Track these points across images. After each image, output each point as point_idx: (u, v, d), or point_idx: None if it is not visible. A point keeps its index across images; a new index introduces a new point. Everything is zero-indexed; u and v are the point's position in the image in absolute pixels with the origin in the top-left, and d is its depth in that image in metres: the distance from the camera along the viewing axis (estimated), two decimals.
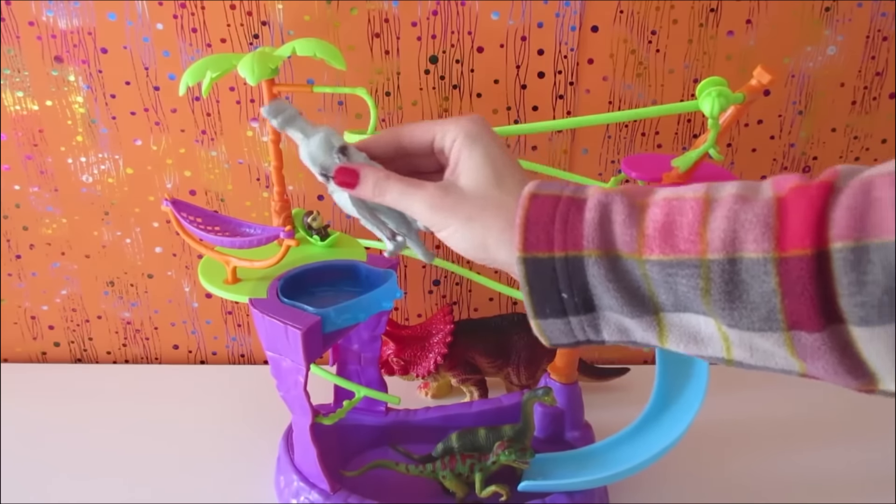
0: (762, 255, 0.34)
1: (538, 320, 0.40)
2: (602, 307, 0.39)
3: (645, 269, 0.36)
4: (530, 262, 0.38)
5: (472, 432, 0.67)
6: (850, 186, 0.33)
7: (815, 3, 0.78)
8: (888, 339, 0.33)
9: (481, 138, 0.42)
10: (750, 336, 0.36)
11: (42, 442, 0.77)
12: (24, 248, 0.88)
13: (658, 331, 0.38)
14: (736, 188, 0.36)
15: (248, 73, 0.63)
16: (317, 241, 0.70)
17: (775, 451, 0.77)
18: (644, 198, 0.38)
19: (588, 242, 0.37)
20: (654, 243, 0.36)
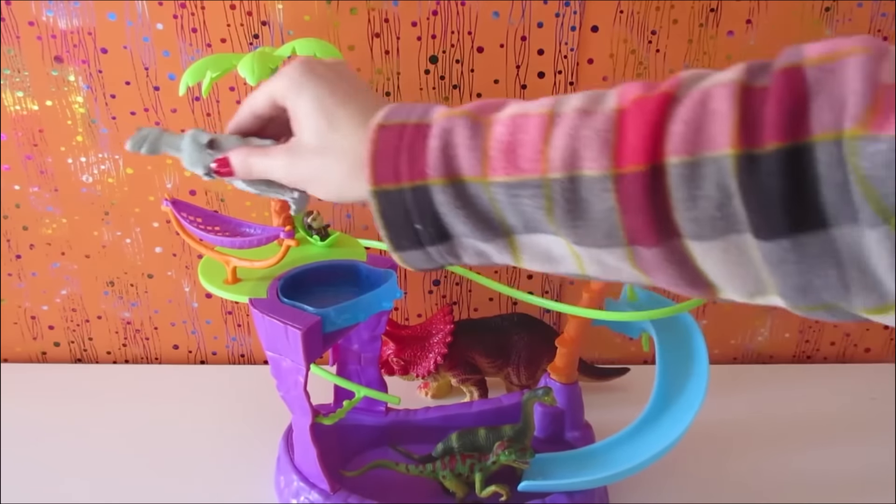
0: (600, 172, 0.33)
1: (398, 253, 0.40)
2: (456, 234, 0.38)
3: (491, 193, 0.36)
4: (381, 196, 0.38)
5: (472, 432, 0.67)
6: (690, 97, 0.33)
7: (815, 3, 0.78)
8: (720, 254, 0.33)
9: (306, 83, 0.42)
10: (597, 252, 0.36)
11: (42, 442, 0.77)
12: (24, 248, 0.88)
13: (512, 252, 0.38)
14: (580, 101, 0.35)
15: (248, 73, 0.63)
16: (317, 241, 0.69)
17: (775, 451, 0.77)
18: (490, 115, 0.37)
19: (432, 171, 0.37)
20: (498, 164, 0.36)
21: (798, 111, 0.29)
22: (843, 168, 0.28)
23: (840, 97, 0.29)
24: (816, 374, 0.92)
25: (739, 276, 0.33)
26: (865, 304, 0.31)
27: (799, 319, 0.94)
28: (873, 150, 0.27)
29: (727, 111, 0.31)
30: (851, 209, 0.29)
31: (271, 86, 0.44)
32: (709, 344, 0.65)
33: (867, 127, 0.28)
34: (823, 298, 0.32)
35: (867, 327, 0.95)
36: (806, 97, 0.30)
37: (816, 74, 0.30)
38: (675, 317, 0.66)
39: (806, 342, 0.96)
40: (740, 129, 0.30)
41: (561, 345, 0.71)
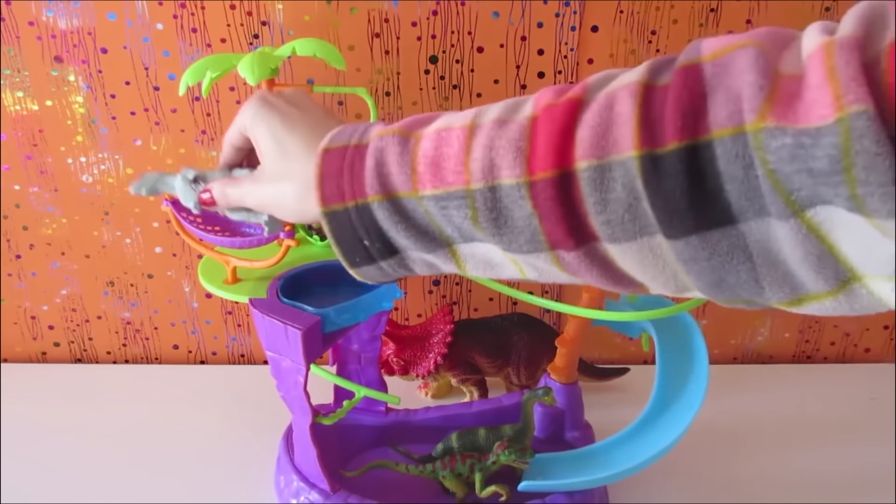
0: (515, 180, 0.34)
1: (353, 269, 0.42)
2: (402, 248, 0.40)
3: (424, 205, 0.37)
4: (331, 216, 0.40)
5: (472, 432, 0.67)
6: (597, 101, 0.33)
7: (815, 3, 0.78)
8: (636, 255, 0.33)
9: (260, 114, 0.45)
10: (526, 258, 0.36)
11: (42, 442, 0.77)
12: (24, 248, 0.88)
13: (455, 262, 0.39)
14: (498, 111, 0.36)
15: (248, 73, 0.63)
16: (317, 241, 0.69)
17: (775, 451, 0.77)
18: (418, 130, 0.39)
19: (369, 189, 0.38)
20: (426, 178, 0.37)
21: (696, 109, 0.29)
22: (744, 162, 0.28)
23: (737, 91, 0.29)
24: (816, 374, 0.92)
25: (659, 276, 0.34)
26: (779, 297, 0.31)
27: (799, 319, 0.94)
28: (778, 145, 0.27)
29: (629, 113, 0.31)
30: (759, 203, 0.29)
31: (238, 120, 0.47)
32: (709, 344, 0.65)
33: (768, 118, 0.27)
34: (738, 293, 0.32)
35: (867, 327, 0.95)
36: (703, 94, 0.30)
37: (712, 70, 0.30)
38: (675, 317, 0.66)
39: (806, 342, 0.96)
40: (642, 131, 0.30)
41: (561, 345, 0.71)
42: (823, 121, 0.26)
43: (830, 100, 0.26)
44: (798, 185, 0.27)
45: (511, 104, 0.37)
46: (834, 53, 0.26)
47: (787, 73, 0.28)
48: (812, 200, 0.27)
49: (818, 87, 0.26)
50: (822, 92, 0.26)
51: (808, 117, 0.26)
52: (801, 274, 0.30)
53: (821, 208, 0.27)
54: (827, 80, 0.26)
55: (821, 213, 0.28)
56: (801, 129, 0.26)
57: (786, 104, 0.27)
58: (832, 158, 0.26)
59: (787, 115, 0.27)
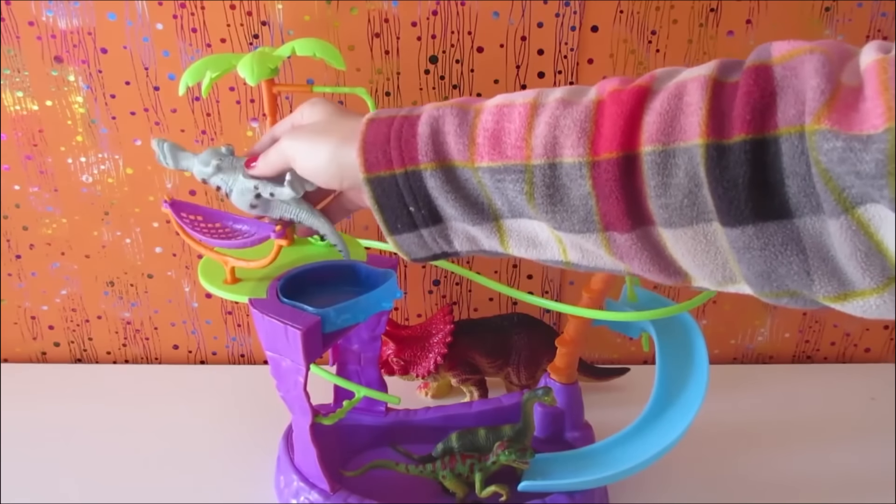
0: (578, 159, 0.35)
1: (394, 236, 0.42)
2: (447, 217, 0.40)
3: (479, 177, 0.38)
4: (374, 182, 0.40)
5: (472, 432, 0.67)
6: (665, 90, 0.34)
7: (815, 3, 0.78)
8: (690, 241, 0.34)
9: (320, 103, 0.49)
10: (575, 238, 0.37)
11: (42, 442, 0.77)
12: (24, 248, 0.88)
13: (500, 237, 0.40)
14: (563, 92, 0.37)
15: (247, 73, 0.63)
16: (317, 240, 0.69)
17: (775, 451, 0.77)
18: (478, 104, 0.40)
19: (423, 156, 0.39)
20: (485, 150, 0.38)
21: (765, 106, 0.31)
22: (805, 160, 0.30)
23: (802, 93, 0.30)
24: (816, 374, 0.92)
25: (708, 264, 0.34)
26: (827, 291, 0.32)
27: (799, 319, 0.94)
28: (829, 147, 0.29)
29: (699, 103, 0.32)
30: (815, 199, 0.30)
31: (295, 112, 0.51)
32: (709, 344, 0.65)
33: (823, 121, 0.29)
34: (787, 285, 0.33)
35: (867, 327, 0.95)
36: (773, 93, 0.31)
37: (782, 72, 0.31)
38: (675, 317, 0.66)
39: (806, 342, 0.96)
40: (710, 121, 0.32)
41: (561, 345, 0.71)
42: (874, 129, 0.27)
43: (882, 111, 0.27)
44: (849, 183, 0.29)
45: (575, 89, 0.38)
46: (888, 69, 0.28)
47: (846, 83, 0.30)
48: (862, 198, 0.29)
49: (872, 98, 0.28)
50: (876, 103, 0.28)
51: (861, 125, 0.28)
52: (850, 270, 0.31)
53: (870, 206, 0.29)
54: (880, 93, 0.28)
55: (870, 211, 0.29)
56: (854, 135, 0.28)
57: (842, 111, 0.29)
58: (879, 163, 0.27)
59: (842, 122, 0.28)
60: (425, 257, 0.44)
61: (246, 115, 0.82)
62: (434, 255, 0.44)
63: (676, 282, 0.37)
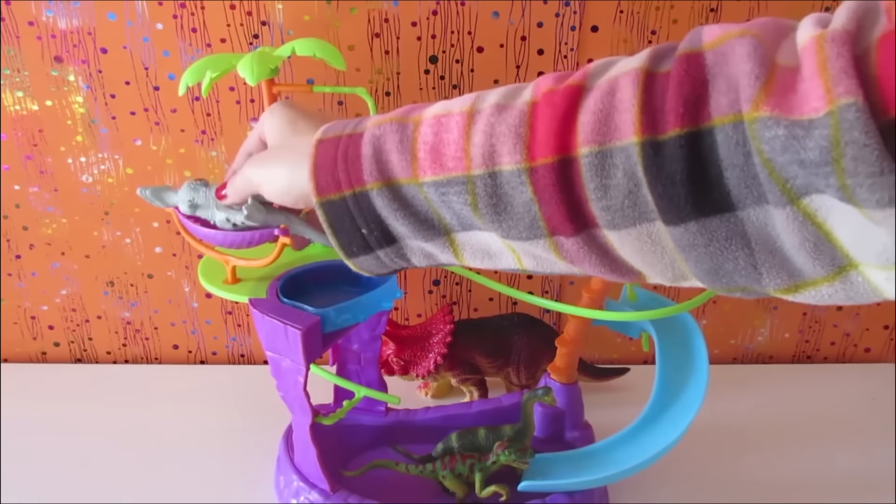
0: (516, 166, 0.34)
1: (350, 259, 0.42)
2: (400, 236, 0.40)
3: (424, 192, 0.37)
4: (326, 206, 0.40)
5: (472, 432, 0.67)
6: (598, 87, 0.33)
7: (814, 3, 0.78)
8: (635, 242, 0.33)
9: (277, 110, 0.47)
10: (525, 245, 0.36)
11: (42, 442, 0.77)
12: (24, 248, 0.88)
13: (453, 251, 0.39)
14: (498, 96, 0.36)
15: (247, 73, 0.63)
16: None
17: (775, 451, 0.77)
18: (416, 115, 0.39)
19: (368, 176, 0.38)
20: (426, 165, 0.37)
21: (697, 96, 0.30)
22: (744, 150, 0.29)
23: (734, 79, 0.29)
24: (816, 374, 0.92)
25: (657, 263, 0.34)
26: (777, 284, 0.31)
27: (799, 319, 0.94)
28: (771, 135, 0.27)
29: (631, 99, 0.31)
30: (757, 190, 0.29)
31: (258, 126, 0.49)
32: (709, 344, 0.65)
33: (762, 108, 0.28)
34: (736, 281, 0.32)
35: (867, 327, 0.95)
36: (704, 81, 0.30)
37: (713, 58, 0.30)
38: (675, 317, 0.66)
39: (806, 342, 0.96)
40: (644, 117, 0.31)
41: (561, 345, 0.71)
42: (816, 113, 0.26)
43: (822, 92, 0.26)
44: (792, 174, 0.28)
45: (510, 90, 0.37)
46: (825, 46, 0.27)
47: (782, 63, 0.29)
48: (807, 189, 0.28)
49: (810, 79, 0.27)
50: (814, 84, 0.26)
51: (801, 108, 0.27)
52: (799, 260, 0.30)
53: (816, 196, 0.28)
54: (818, 73, 0.26)
55: (816, 201, 0.28)
56: (794, 121, 0.27)
57: (780, 95, 0.28)
58: (822, 150, 0.26)
59: (782, 106, 0.27)
60: (386, 273, 0.44)
61: (246, 115, 0.82)
62: (394, 271, 0.44)
63: (631, 280, 0.36)
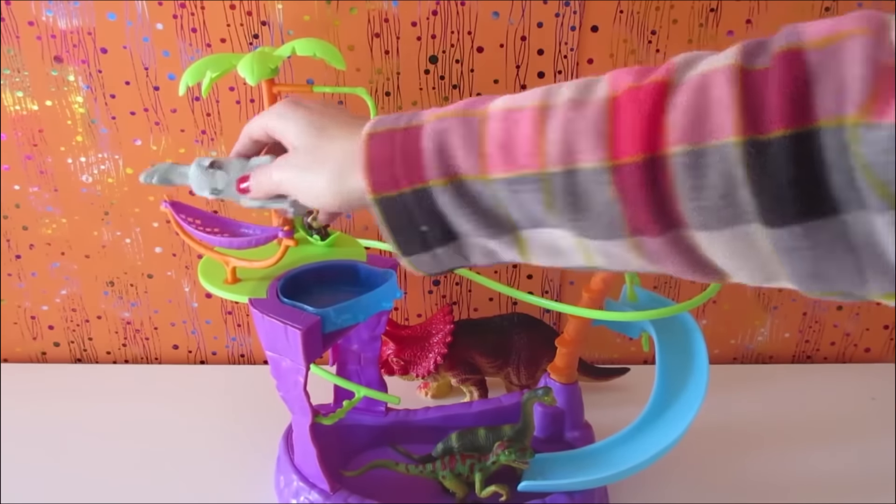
0: (597, 164, 0.33)
1: (407, 258, 0.40)
2: (462, 233, 0.38)
3: (493, 189, 0.36)
4: (383, 203, 0.38)
5: (472, 432, 0.67)
6: (687, 84, 0.32)
7: (815, 3, 0.78)
8: (727, 243, 0.32)
9: (291, 112, 0.45)
10: (601, 244, 0.35)
11: (42, 442, 0.77)
12: (24, 248, 0.88)
13: (519, 248, 0.38)
14: (572, 91, 0.35)
15: (247, 73, 0.63)
16: (317, 240, 0.69)
17: (775, 451, 0.77)
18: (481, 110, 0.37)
19: (431, 172, 0.37)
20: (497, 161, 0.36)
21: (801, 96, 0.29)
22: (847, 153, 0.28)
23: (842, 82, 0.28)
24: (816, 374, 0.92)
25: (748, 265, 0.33)
26: (881, 289, 0.31)
27: (799, 319, 0.94)
28: (873, 138, 0.27)
29: (728, 98, 0.30)
30: (860, 194, 0.28)
31: (262, 117, 0.48)
32: (709, 344, 0.65)
33: (867, 114, 0.27)
34: (838, 285, 0.31)
35: (867, 327, 0.95)
36: (809, 81, 0.29)
37: (818, 57, 0.29)
38: (675, 317, 0.66)
39: (806, 342, 0.96)
40: (744, 116, 0.30)
41: (561, 345, 0.71)
42: None
43: None
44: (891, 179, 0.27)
45: (582, 84, 0.36)
46: None
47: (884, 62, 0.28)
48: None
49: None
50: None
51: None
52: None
53: None
54: None
55: None
56: None
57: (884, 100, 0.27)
58: None
59: (885, 111, 0.27)
60: (441, 272, 0.42)
61: (246, 115, 0.82)
62: (450, 270, 0.42)
63: (713, 280, 0.35)
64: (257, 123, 0.48)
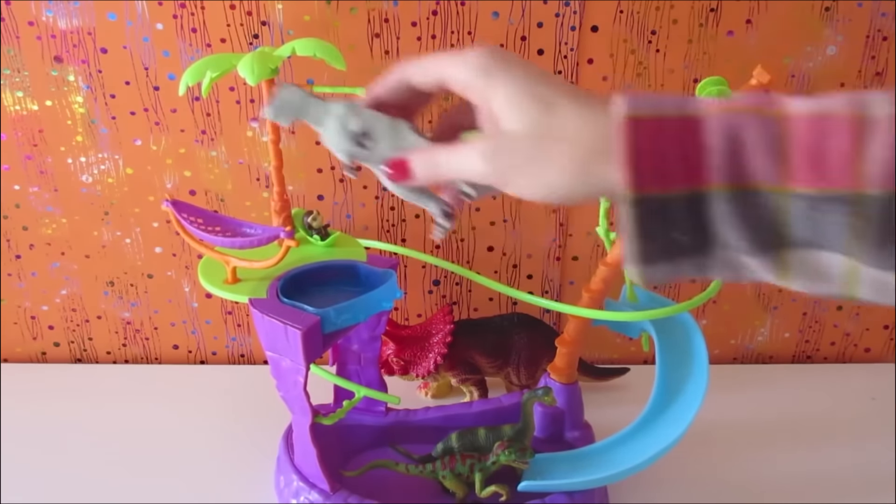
0: None
1: (643, 266, 0.34)
2: (720, 245, 0.33)
3: (786, 203, 0.31)
4: (641, 202, 0.32)
5: (472, 432, 0.67)
6: None
7: (815, 3, 0.78)
8: None
9: (501, 69, 0.36)
10: (886, 275, 0.31)
11: (42, 442, 0.77)
12: (24, 248, 0.88)
13: (780, 269, 0.33)
14: (888, 105, 0.31)
15: (247, 74, 0.63)
16: (317, 240, 0.69)
17: (775, 451, 0.77)
18: (776, 110, 0.32)
19: (715, 174, 0.31)
20: (802, 172, 0.31)
21: None
22: None
23: None
24: (816, 374, 0.92)
25: None
26: None
27: (799, 319, 0.94)
28: None
29: None
30: None
31: (445, 64, 0.38)
32: (709, 344, 0.65)
33: None
34: None
35: (867, 327, 0.95)
36: None
37: None
38: (674, 317, 0.66)
39: (806, 342, 0.96)
40: None
41: (561, 345, 0.71)
42: None
43: None
44: None
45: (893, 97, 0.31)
46: None
47: None
48: None
49: None
50: None
51: None
52: None
53: None
54: None
55: None
56: None
57: None
58: None
59: None
60: (661, 282, 0.36)
61: (246, 115, 0.82)
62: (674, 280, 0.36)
63: None
64: (432, 69, 0.39)
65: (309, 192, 0.86)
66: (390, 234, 0.88)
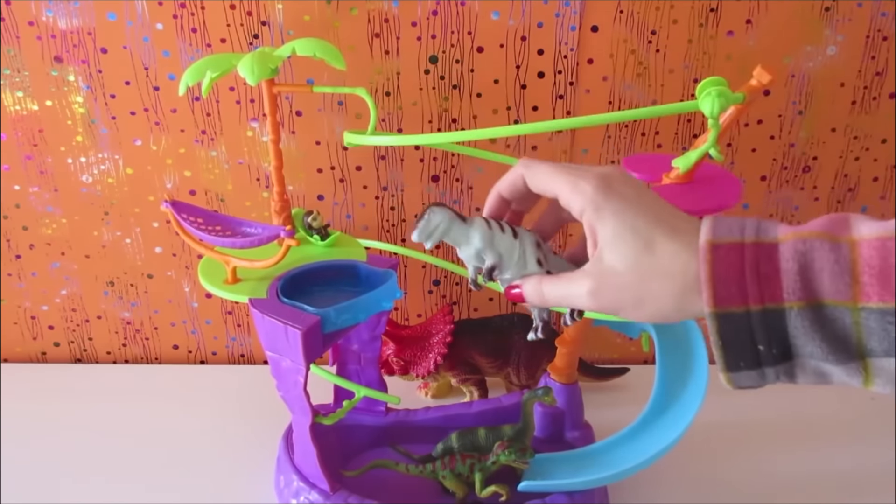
0: None
1: (730, 373, 0.38)
2: (802, 354, 0.37)
3: (859, 317, 0.35)
4: (723, 318, 0.37)
5: (472, 432, 0.67)
6: None
7: (815, 3, 0.78)
8: None
9: (608, 203, 0.40)
10: None
11: (42, 442, 0.77)
12: (24, 248, 0.88)
13: (864, 375, 0.37)
14: None
15: (247, 74, 0.63)
16: (317, 240, 0.70)
17: (775, 451, 0.77)
18: (846, 235, 0.36)
19: (789, 294, 0.35)
20: (872, 290, 0.34)
21: None
22: None
23: None
24: None
25: None
26: None
27: None
28: None
29: None
30: None
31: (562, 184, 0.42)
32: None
33: None
34: None
35: None
36: None
37: None
38: None
39: None
40: None
41: (561, 345, 0.71)
42: None
43: None
44: None
45: None
46: None
47: None
48: None
49: None
50: None
51: None
52: None
53: None
54: None
55: None
56: None
57: None
58: None
59: None
60: (754, 387, 0.40)
61: (246, 115, 0.82)
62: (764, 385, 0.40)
63: None
64: (550, 186, 0.42)
65: (309, 192, 0.86)
66: (390, 234, 0.88)
